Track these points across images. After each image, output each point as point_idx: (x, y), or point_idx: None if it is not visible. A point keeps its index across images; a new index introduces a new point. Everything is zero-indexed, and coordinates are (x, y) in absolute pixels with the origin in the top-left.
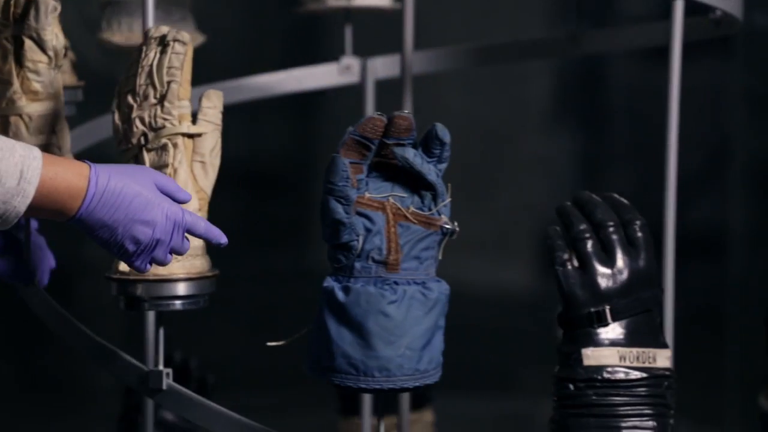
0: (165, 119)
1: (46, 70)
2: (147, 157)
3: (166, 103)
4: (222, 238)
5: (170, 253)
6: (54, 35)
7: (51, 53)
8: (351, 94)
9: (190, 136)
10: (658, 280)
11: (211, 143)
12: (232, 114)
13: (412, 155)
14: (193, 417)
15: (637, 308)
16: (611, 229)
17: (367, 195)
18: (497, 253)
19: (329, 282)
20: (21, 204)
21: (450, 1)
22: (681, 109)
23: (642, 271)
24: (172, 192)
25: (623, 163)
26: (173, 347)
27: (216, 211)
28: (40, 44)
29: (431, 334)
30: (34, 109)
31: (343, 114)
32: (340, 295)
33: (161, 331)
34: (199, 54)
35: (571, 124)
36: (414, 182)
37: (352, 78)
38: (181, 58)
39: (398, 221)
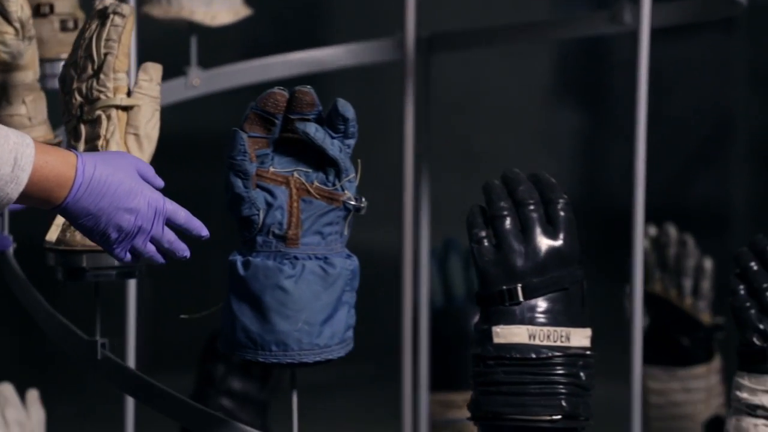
0: (100, 91)
1: (13, 41)
2: (84, 129)
3: (101, 75)
4: (203, 231)
5: (150, 242)
6: (19, 6)
7: (17, 24)
8: (361, 71)
9: (124, 108)
10: (578, 259)
11: (147, 116)
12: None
13: (313, 130)
14: (127, 391)
15: (552, 287)
16: (531, 207)
17: (272, 169)
18: None
19: (234, 256)
20: (14, 191)
21: None
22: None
23: (559, 250)
24: (150, 178)
25: (625, 140)
26: None
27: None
28: (5, 15)
29: (333, 309)
30: (2, 79)
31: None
32: (240, 269)
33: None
34: (246, 28)
35: (573, 101)
36: (320, 158)
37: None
38: (119, 30)
39: (302, 196)
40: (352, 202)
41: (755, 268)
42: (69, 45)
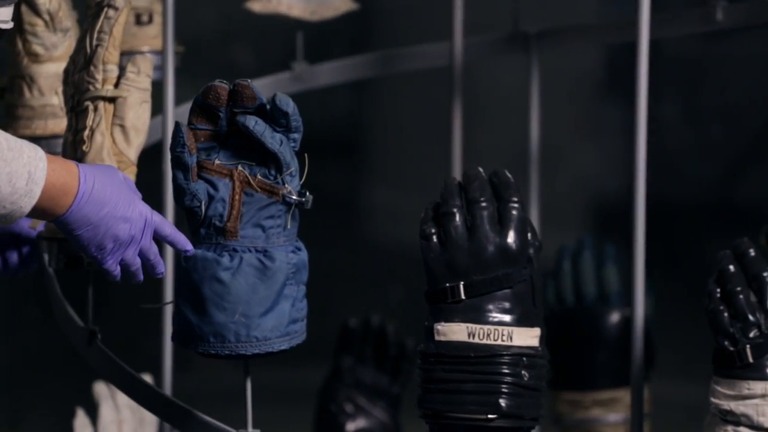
0: (89, 82)
1: (44, 32)
2: (73, 119)
3: (91, 67)
4: (187, 246)
5: (138, 255)
6: None
7: (46, 16)
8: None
9: (110, 99)
10: (528, 258)
11: (134, 108)
12: None
13: (252, 123)
14: (112, 381)
15: (494, 285)
16: (481, 205)
17: (217, 162)
18: (556, 224)
19: None
20: (27, 204)
21: None
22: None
23: (506, 249)
24: (134, 190)
25: (673, 134)
26: (370, 311)
27: None
28: (33, 7)
29: (272, 302)
30: (35, 70)
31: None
32: (183, 260)
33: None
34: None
35: (621, 95)
36: (265, 152)
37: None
38: (111, 22)
39: (244, 189)
40: (293, 197)
41: (732, 270)
42: (143, 39)
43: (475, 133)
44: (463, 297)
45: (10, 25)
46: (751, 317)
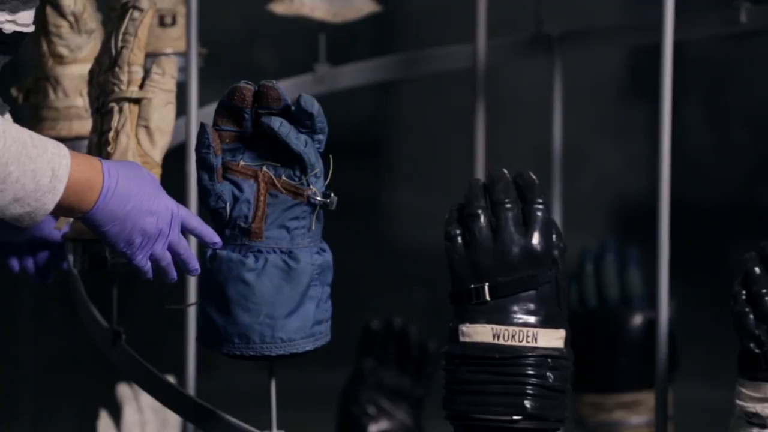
0: (114, 84)
1: (69, 34)
2: (99, 120)
3: (116, 68)
4: (215, 238)
5: (168, 250)
6: (72, 0)
7: (71, 18)
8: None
9: (135, 100)
10: (553, 259)
11: (159, 109)
12: None
13: (277, 124)
14: (137, 381)
15: (519, 287)
16: (505, 206)
17: (242, 163)
18: (578, 226)
19: (208, 250)
20: (50, 201)
21: None
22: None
23: (531, 250)
24: (156, 182)
25: (697, 136)
26: (393, 313)
27: None
28: (58, 9)
29: (297, 303)
30: (60, 72)
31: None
32: (207, 261)
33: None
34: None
35: (644, 97)
36: (290, 153)
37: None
38: (136, 24)
39: (269, 190)
40: (318, 198)
41: (758, 272)
42: (166, 41)
43: (497, 135)
44: (487, 298)
45: (31, 29)
46: None
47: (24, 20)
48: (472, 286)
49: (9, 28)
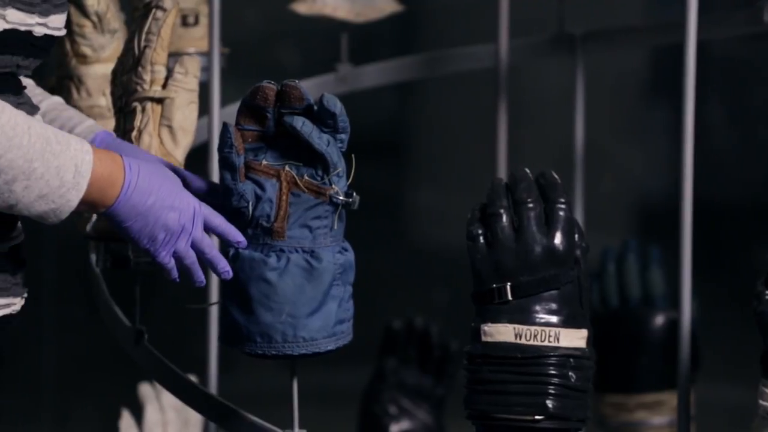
0: (137, 83)
1: (92, 34)
2: (122, 120)
3: (139, 68)
4: (239, 237)
5: (192, 248)
6: (96, 0)
7: (94, 18)
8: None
9: (158, 100)
10: (575, 259)
11: (181, 109)
12: None
13: (300, 123)
14: (159, 380)
15: (541, 286)
16: (528, 206)
17: (264, 162)
18: (600, 226)
19: (230, 249)
20: (75, 197)
21: None
22: None
23: (553, 250)
24: (177, 179)
25: (719, 135)
26: (414, 313)
27: None
28: (82, 9)
29: (319, 302)
30: (83, 72)
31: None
32: (230, 261)
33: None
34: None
35: (666, 97)
36: (312, 152)
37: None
38: (159, 23)
39: (291, 189)
40: (340, 197)
41: None
42: (189, 40)
43: (519, 134)
44: (510, 298)
45: (62, 32)
46: None
47: (55, 24)
48: (494, 285)
49: (40, 31)
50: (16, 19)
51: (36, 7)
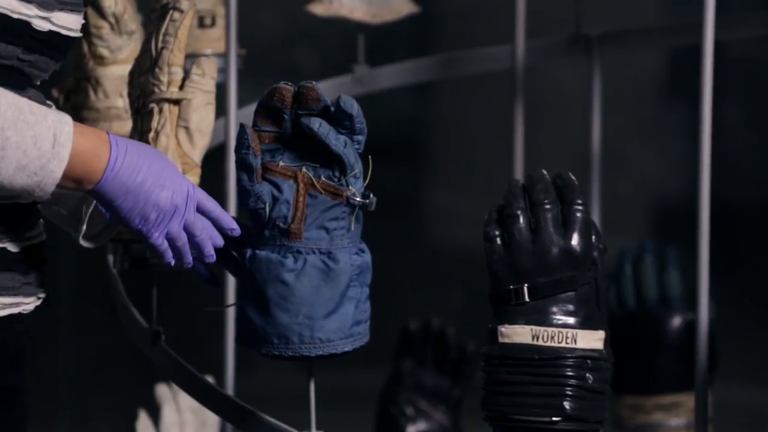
0: (154, 84)
1: (110, 35)
2: (139, 121)
3: (156, 69)
4: (232, 224)
5: (183, 229)
6: (113, 1)
7: (111, 19)
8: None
9: (175, 101)
10: (592, 260)
11: (198, 110)
12: None
13: (317, 125)
14: (176, 381)
15: (558, 288)
16: (545, 207)
17: (281, 164)
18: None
19: (247, 250)
20: (57, 168)
21: None
22: None
23: (570, 251)
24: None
25: (737, 136)
26: (431, 314)
27: None
28: (99, 10)
29: (336, 304)
30: (100, 73)
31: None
32: (247, 262)
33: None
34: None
35: (683, 98)
36: (329, 153)
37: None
38: (176, 25)
39: (308, 191)
40: (357, 198)
41: None
42: (206, 42)
43: (536, 135)
44: (527, 299)
45: (75, 34)
46: None
47: (62, 22)
48: (511, 287)
49: (42, 25)
50: (4, 3)
51: None
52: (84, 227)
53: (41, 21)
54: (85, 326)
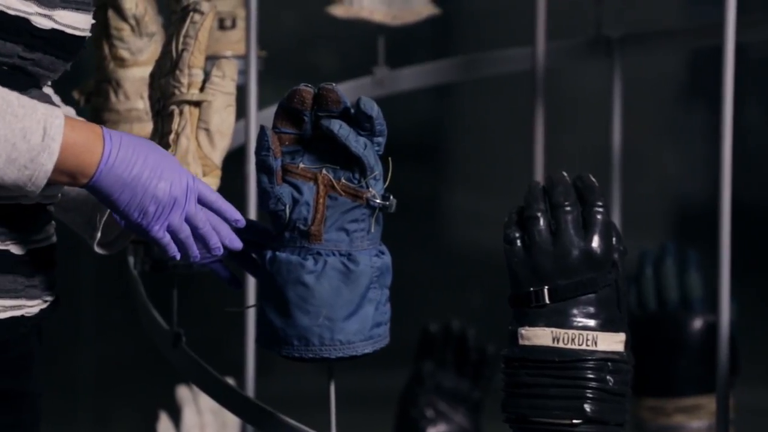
0: (174, 86)
1: (130, 37)
2: (159, 123)
3: (176, 71)
4: (236, 215)
5: (186, 222)
6: (134, 3)
7: (132, 21)
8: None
9: (195, 103)
10: (612, 262)
11: (219, 112)
12: None
13: (337, 127)
14: (197, 383)
15: (579, 290)
16: (565, 209)
17: (301, 165)
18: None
19: (267, 252)
20: (48, 161)
21: None
22: None
23: (590, 253)
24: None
25: (757, 137)
26: (451, 316)
27: None
28: (120, 12)
29: (356, 306)
30: (121, 75)
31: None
32: (267, 264)
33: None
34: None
35: (704, 99)
36: (349, 155)
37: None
38: (196, 27)
39: (329, 192)
40: (377, 200)
41: None
42: (226, 44)
43: (557, 137)
44: (547, 301)
45: (82, 33)
46: None
47: (66, 20)
48: (532, 289)
49: (43, 23)
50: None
51: None
52: (98, 234)
53: (42, 18)
54: (105, 328)
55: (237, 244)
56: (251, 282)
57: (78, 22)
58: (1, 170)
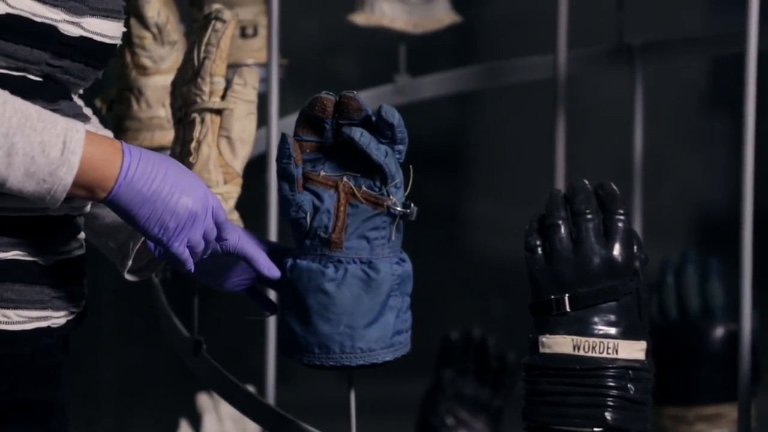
0: (196, 94)
1: (152, 45)
2: (181, 131)
3: (198, 79)
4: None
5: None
6: (156, 12)
7: (154, 29)
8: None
9: (217, 111)
10: (634, 270)
11: (240, 120)
12: None
13: (358, 134)
14: (217, 390)
15: (600, 298)
16: (586, 217)
17: (322, 173)
18: (659, 237)
19: (288, 260)
20: (67, 175)
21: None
22: None
23: (612, 261)
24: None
25: None
26: (472, 324)
27: None
28: (142, 21)
29: (377, 313)
30: (143, 83)
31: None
32: (288, 271)
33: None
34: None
35: (726, 107)
36: (370, 163)
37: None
38: (218, 35)
39: (349, 200)
40: (398, 208)
41: None
42: (247, 52)
43: (578, 145)
44: (568, 309)
45: (112, 41)
46: None
47: (95, 28)
48: (553, 297)
49: (71, 30)
50: (23, 6)
51: (59, 2)
52: (129, 262)
53: (70, 26)
54: (126, 336)
55: (275, 272)
56: (273, 290)
57: (107, 30)
58: (20, 183)
